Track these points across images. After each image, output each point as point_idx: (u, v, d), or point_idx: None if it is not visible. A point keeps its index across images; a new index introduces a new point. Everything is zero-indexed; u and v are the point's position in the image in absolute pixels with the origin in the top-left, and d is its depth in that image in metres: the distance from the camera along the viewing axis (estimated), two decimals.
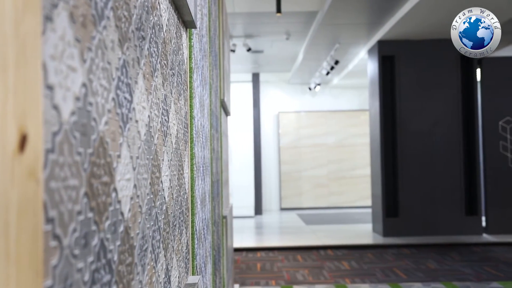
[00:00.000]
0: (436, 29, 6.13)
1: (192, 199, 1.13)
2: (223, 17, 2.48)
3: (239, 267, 4.95)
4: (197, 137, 1.27)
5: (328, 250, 5.82)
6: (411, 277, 4.41)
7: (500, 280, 4.24)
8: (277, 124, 10.48)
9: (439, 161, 6.59)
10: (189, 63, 1.13)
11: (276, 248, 5.86)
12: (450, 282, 4.18)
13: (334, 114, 10.49)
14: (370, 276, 4.48)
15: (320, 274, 4.61)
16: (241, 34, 6.83)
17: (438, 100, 6.61)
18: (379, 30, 6.37)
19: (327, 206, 10.30)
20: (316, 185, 10.38)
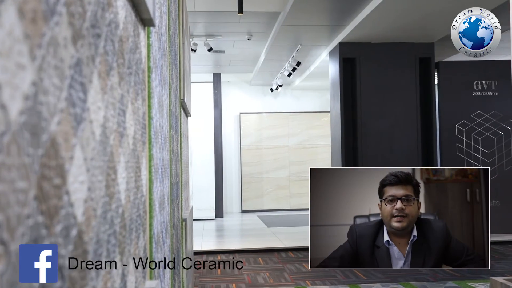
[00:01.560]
0: (395, 32, 6.27)
1: (150, 202, 1.11)
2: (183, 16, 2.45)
3: (199, 271, 4.91)
4: (156, 138, 1.25)
5: (289, 252, 5.86)
6: (371, 278, 4.49)
7: (455, 280, 4.37)
8: (239, 125, 10.48)
9: (398, 163, 6.74)
10: (147, 62, 1.10)
11: (237, 251, 5.84)
12: (408, 283, 4.27)
13: (296, 116, 10.57)
14: (330, 278, 4.53)
15: (281, 277, 4.63)
16: (202, 33, 6.79)
17: (397, 102, 6.77)
18: (340, 32, 6.47)
19: (288, 208, 10.37)
20: (277, 187, 10.43)
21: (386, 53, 6.75)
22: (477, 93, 7.09)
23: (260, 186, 10.39)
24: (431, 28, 6.11)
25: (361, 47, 6.72)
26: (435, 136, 6.89)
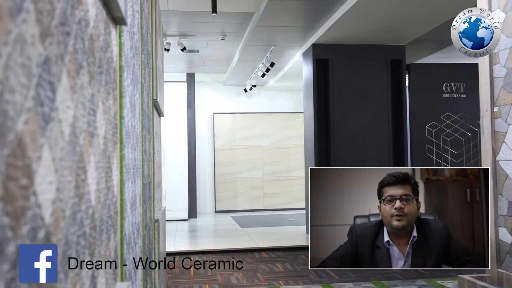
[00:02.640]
0: (368, 34, 6.36)
1: (122, 203, 1.09)
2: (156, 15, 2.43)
3: (172, 272, 4.87)
4: (128, 138, 1.23)
5: (263, 252, 5.87)
6: (343, 277, 4.54)
7: (425, 278, 4.46)
8: (212, 126, 10.44)
9: (370, 163, 6.83)
10: (119, 61, 1.09)
11: (210, 252, 5.82)
12: (379, 281, 4.33)
13: (270, 116, 10.60)
14: (303, 278, 4.55)
15: (254, 277, 4.63)
16: (176, 33, 6.74)
17: (369, 103, 6.85)
18: (314, 34, 6.52)
19: (262, 208, 10.38)
20: (251, 188, 10.43)
21: (358, 55, 6.84)
22: (446, 95, 7.24)
23: (234, 187, 10.38)
24: (402, 31, 6.22)
25: (334, 49, 6.79)
26: (406, 137, 7.01)
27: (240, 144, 10.45)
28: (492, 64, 2.99)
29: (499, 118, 2.96)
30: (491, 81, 3.00)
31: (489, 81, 3.01)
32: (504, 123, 2.90)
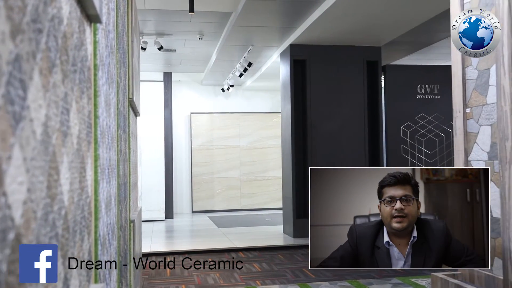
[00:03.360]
0: (344, 35, 6.41)
1: (96, 203, 1.08)
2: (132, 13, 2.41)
3: (147, 273, 4.83)
4: (102, 137, 1.21)
5: (240, 252, 5.86)
6: (319, 276, 4.56)
7: (399, 276, 4.52)
8: (189, 125, 10.39)
9: (346, 164, 6.89)
10: (94, 60, 1.07)
11: (187, 252, 5.79)
12: (355, 280, 4.37)
13: (247, 116, 10.60)
14: (280, 277, 4.57)
15: (231, 277, 4.63)
16: (153, 31, 6.69)
17: (346, 103, 6.91)
18: (291, 34, 6.54)
19: (239, 209, 10.38)
20: (228, 188, 10.42)
21: (335, 56, 6.89)
22: (421, 96, 7.36)
23: (211, 187, 10.35)
24: (378, 32, 6.29)
25: (311, 49, 6.83)
26: (381, 137, 7.10)
27: (217, 144, 10.43)
28: (465, 66, 3.05)
29: (471, 119, 3.02)
30: (464, 83, 3.06)
31: (461, 83, 3.07)
32: (476, 124, 2.97)
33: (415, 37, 6.56)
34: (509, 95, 2.63)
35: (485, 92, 2.89)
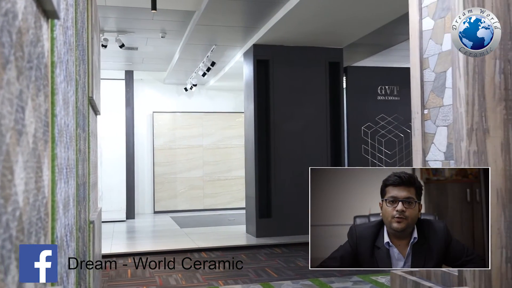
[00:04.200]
0: (307, 36, 6.47)
1: (53, 204, 1.05)
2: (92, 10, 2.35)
3: (107, 275, 4.74)
4: (60, 136, 1.18)
5: (202, 252, 5.83)
6: (282, 275, 4.59)
7: (360, 274, 4.60)
8: (152, 125, 10.27)
9: (309, 163, 6.95)
10: (51, 57, 1.04)
11: (148, 253, 5.72)
12: (317, 278, 4.42)
13: (210, 116, 10.56)
14: (243, 277, 4.57)
15: (193, 277, 4.60)
16: (114, 29, 6.57)
17: (308, 104, 6.98)
18: (255, 34, 6.56)
19: (202, 208, 10.33)
20: (191, 187, 10.35)
21: (298, 56, 6.95)
22: (381, 98, 7.51)
23: (173, 187, 10.26)
24: (340, 34, 6.38)
25: (274, 50, 6.86)
26: (343, 137, 7.21)
27: (180, 144, 10.34)
28: (423, 69, 3.14)
29: (428, 120, 3.10)
30: (422, 85, 3.15)
31: (419, 85, 3.15)
32: (433, 125, 3.05)
33: (376, 39, 6.69)
34: (464, 97, 2.72)
35: (441, 94, 2.98)
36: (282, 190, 6.83)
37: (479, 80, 2.73)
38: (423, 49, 3.14)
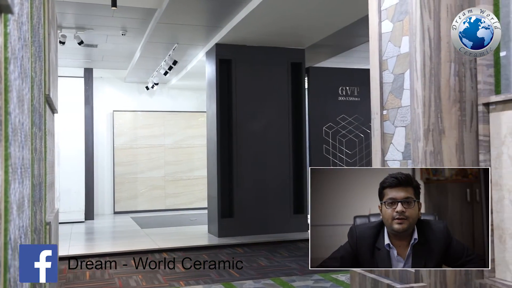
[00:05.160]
0: (269, 36, 6.50)
1: (6, 205, 1.01)
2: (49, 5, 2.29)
3: (65, 277, 4.63)
4: (14, 135, 1.14)
5: (163, 253, 5.77)
6: (244, 275, 4.60)
7: (321, 272, 4.65)
8: (112, 124, 10.08)
9: (271, 163, 6.99)
10: (4, 53, 1.01)
11: (108, 254, 5.61)
12: (278, 278, 4.45)
13: (172, 115, 10.46)
14: (204, 277, 4.55)
15: (154, 278, 4.54)
16: (72, 25, 6.41)
17: (271, 104, 7.01)
18: (217, 34, 6.53)
19: (163, 209, 10.22)
20: (152, 187, 10.23)
21: (260, 56, 6.97)
22: (342, 98, 7.63)
23: (134, 187, 10.11)
24: (302, 35, 6.44)
25: (237, 49, 6.86)
26: (304, 137, 7.28)
27: (141, 143, 10.20)
28: (382, 70, 3.20)
29: (387, 121, 3.17)
30: (381, 86, 3.21)
31: (379, 86, 3.22)
32: (392, 125, 3.12)
33: (337, 41, 6.79)
34: (421, 98, 2.79)
35: (400, 95, 3.05)
36: (244, 190, 6.84)
37: (435, 82, 2.81)
38: (382, 51, 3.21)
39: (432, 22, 2.81)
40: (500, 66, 2.81)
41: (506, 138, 2.68)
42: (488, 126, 2.82)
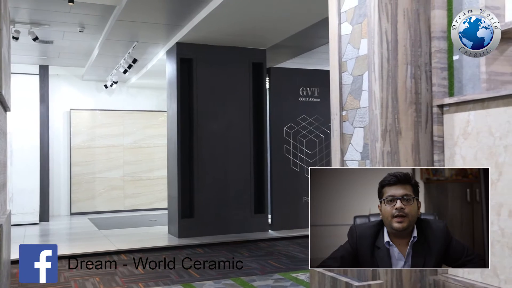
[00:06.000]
0: (231, 36, 6.49)
1: None
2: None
3: (17, 281, 4.47)
4: None
5: (122, 254, 5.67)
6: (204, 276, 4.57)
7: (281, 272, 4.68)
8: (69, 122, 9.83)
9: (232, 163, 6.98)
10: None
11: (64, 257, 5.46)
12: (239, 278, 4.44)
13: (132, 114, 10.30)
14: (164, 278, 4.49)
15: (112, 281, 4.45)
16: (27, 20, 6.20)
17: (232, 104, 7.00)
18: (178, 32, 6.47)
19: (122, 209, 10.05)
20: (110, 188, 10.03)
21: (222, 56, 6.95)
22: (303, 99, 7.70)
23: (92, 187, 9.89)
24: (264, 35, 6.46)
25: (198, 48, 6.81)
26: (265, 137, 7.30)
27: (99, 143, 9.99)
28: (341, 72, 3.25)
29: (346, 122, 3.22)
30: (340, 87, 3.26)
31: (338, 87, 3.26)
32: (351, 126, 3.17)
33: (298, 42, 6.85)
34: (379, 99, 2.85)
35: (358, 97, 3.10)
36: (205, 190, 6.80)
37: (393, 84, 2.87)
38: (342, 52, 3.25)
39: (390, 25, 2.88)
40: (453, 69, 2.90)
41: (458, 139, 2.77)
42: (442, 127, 2.90)
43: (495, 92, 2.51)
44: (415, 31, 2.93)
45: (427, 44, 2.95)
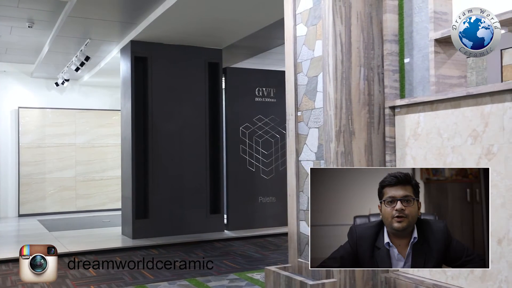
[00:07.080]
0: (187, 35, 6.43)
1: None
2: None
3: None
4: None
5: (74, 257, 5.51)
6: (158, 277, 4.51)
7: (236, 272, 4.68)
8: (17, 121, 9.47)
9: (187, 163, 6.92)
10: None
11: (11, 260, 5.26)
12: (194, 278, 4.41)
13: (84, 113, 10.04)
14: (117, 281, 4.40)
15: (62, 284, 4.32)
16: None
17: (187, 103, 6.94)
18: (133, 30, 6.35)
19: (74, 210, 9.77)
20: (62, 188, 9.74)
21: (177, 55, 6.88)
22: (259, 99, 7.73)
23: (42, 188, 9.57)
24: (220, 35, 6.44)
25: (153, 47, 6.72)
26: (221, 137, 7.28)
27: (50, 142, 9.68)
28: (297, 73, 3.28)
29: (301, 122, 3.25)
30: (296, 88, 3.29)
31: (293, 88, 3.29)
32: (306, 126, 3.21)
33: (254, 42, 6.86)
34: (333, 101, 2.89)
35: (313, 97, 3.14)
36: (159, 190, 6.71)
37: (346, 85, 2.93)
38: (297, 54, 3.28)
39: (344, 27, 2.93)
40: (404, 72, 2.98)
41: (409, 140, 2.85)
42: (394, 128, 2.98)
43: (443, 95, 2.61)
44: (368, 34, 2.99)
45: (380, 47, 3.03)
